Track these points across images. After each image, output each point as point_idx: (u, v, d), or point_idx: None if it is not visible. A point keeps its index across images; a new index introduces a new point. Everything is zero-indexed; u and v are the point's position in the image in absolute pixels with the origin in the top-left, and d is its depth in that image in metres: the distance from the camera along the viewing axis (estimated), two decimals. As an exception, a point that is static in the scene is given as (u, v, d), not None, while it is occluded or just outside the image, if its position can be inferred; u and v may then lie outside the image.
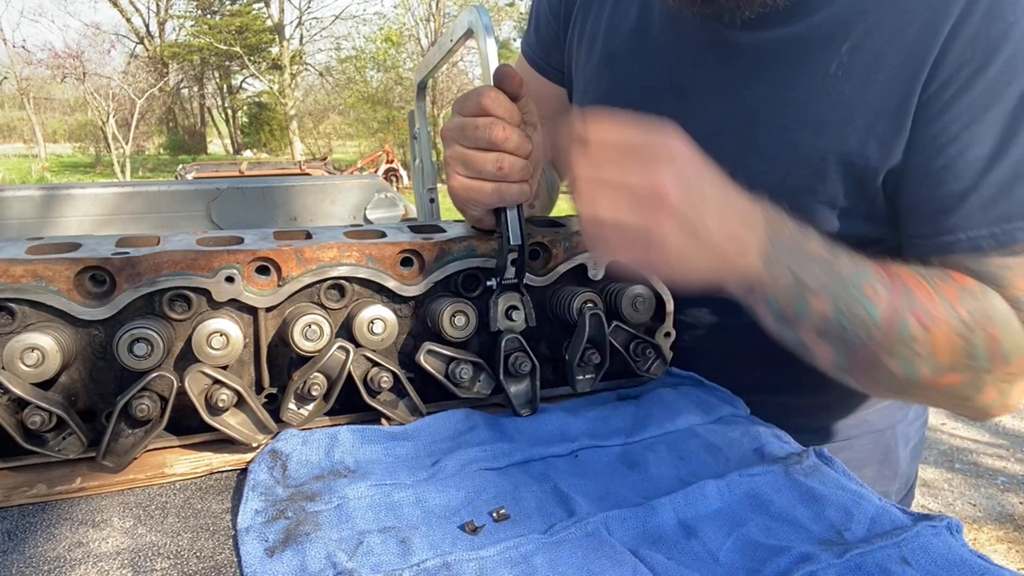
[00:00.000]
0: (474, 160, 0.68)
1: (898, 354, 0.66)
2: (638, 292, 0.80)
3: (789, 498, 0.61)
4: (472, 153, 0.68)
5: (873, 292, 0.66)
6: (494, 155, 0.68)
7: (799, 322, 0.67)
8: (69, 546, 0.54)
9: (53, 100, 28.99)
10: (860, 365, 0.69)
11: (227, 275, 0.66)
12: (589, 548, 0.53)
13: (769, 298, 0.66)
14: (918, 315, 0.66)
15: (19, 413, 0.60)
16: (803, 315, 0.66)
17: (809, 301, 0.65)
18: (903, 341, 0.66)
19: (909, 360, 0.67)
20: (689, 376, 0.86)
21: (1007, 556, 2.67)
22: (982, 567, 0.51)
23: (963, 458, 3.46)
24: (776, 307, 0.66)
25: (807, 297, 0.65)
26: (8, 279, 0.61)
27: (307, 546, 0.52)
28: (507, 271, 0.73)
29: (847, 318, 0.65)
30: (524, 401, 0.75)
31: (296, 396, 0.69)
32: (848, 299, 0.65)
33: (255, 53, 28.77)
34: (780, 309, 0.66)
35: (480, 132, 0.67)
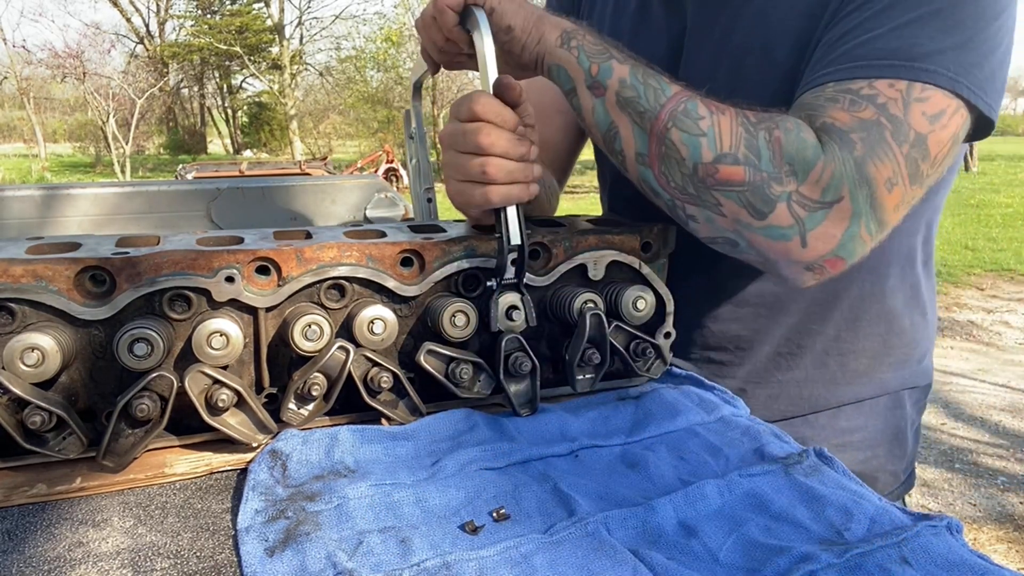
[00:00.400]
0: (463, 164, 0.74)
1: (683, 127, 0.72)
2: (639, 292, 0.80)
3: (789, 498, 0.61)
4: (462, 157, 0.74)
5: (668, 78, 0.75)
6: (480, 159, 0.72)
7: (602, 85, 0.74)
8: (69, 546, 0.54)
9: (53, 100, 29.00)
10: (652, 148, 0.73)
11: (227, 275, 0.66)
12: (589, 548, 0.53)
13: (580, 49, 0.75)
14: (706, 102, 0.73)
15: (19, 413, 0.60)
16: (606, 75, 0.74)
17: (612, 64, 0.75)
18: (688, 115, 0.72)
19: (694, 136, 0.71)
20: (689, 376, 0.86)
21: (1007, 556, 2.67)
22: (982, 567, 0.51)
23: (963, 458, 3.46)
24: (586, 63, 0.75)
25: (611, 60, 0.75)
26: (8, 279, 0.61)
27: (307, 546, 0.52)
28: (507, 271, 0.73)
29: (640, 84, 0.74)
30: (524, 401, 0.75)
31: (296, 396, 0.69)
32: (645, 72, 0.75)
33: (255, 53, 28.79)
34: (588, 66, 0.75)
35: (468, 137, 0.73)
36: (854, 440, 0.99)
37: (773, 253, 0.73)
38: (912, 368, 1.02)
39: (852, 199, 0.69)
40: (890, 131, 0.70)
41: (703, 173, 0.71)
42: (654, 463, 0.67)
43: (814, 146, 0.70)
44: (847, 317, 0.95)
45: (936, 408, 4.05)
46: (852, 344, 0.96)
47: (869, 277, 0.93)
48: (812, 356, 0.96)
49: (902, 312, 0.98)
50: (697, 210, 0.74)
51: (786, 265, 0.74)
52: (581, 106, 0.77)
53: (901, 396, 1.03)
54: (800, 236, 0.71)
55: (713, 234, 0.75)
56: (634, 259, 0.82)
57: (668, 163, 0.73)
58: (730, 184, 0.71)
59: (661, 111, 0.72)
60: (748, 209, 0.71)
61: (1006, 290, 6.65)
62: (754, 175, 0.70)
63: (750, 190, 0.70)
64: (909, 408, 1.04)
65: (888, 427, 1.02)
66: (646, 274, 0.82)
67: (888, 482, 1.03)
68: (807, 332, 0.95)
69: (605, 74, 0.75)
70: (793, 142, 0.70)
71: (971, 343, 5.20)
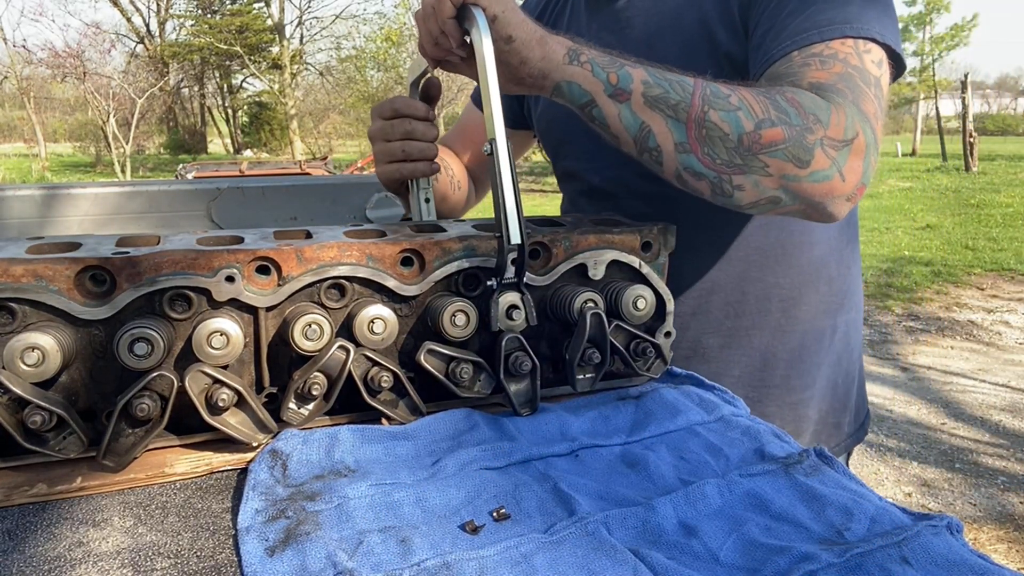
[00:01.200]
0: (389, 149, 0.96)
1: (719, 106, 0.77)
2: (639, 292, 0.80)
3: (789, 498, 0.61)
4: (388, 144, 0.96)
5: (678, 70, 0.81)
6: (401, 143, 0.95)
7: (626, 91, 0.78)
8: (69, 545, 0.54)
9: (53, 100, 28.99)
10: (692, 134, 0.77)
11: (227, 275, 0.66)
12: (589, 548, 0.53)
13: (592, 62, 0.79)
14: (720, 84, 0.79)
15: (20, 413, 0.60)
16: (627, 80, 0.78)
17: (627, 69, 0.79)
18: (717, 95, 0.77)
19: (731, 112, 0.77)
20: (690, 375, 0.86)
21: (1007, 556, 2.67)
22: (982, 567, 0.51)
23: (963, 458, 3.46)
24: (602, 74, 0.79)
25: (624, 66, 0.79)
26: (8, 279, 0.61)
27: (307, 546, 0.52)
28: (507, 270, 0.73)
29: (663, 80, 0.78)
30: (524, 400, 0.75)
31: (296, 396, 0.69)
32: (659, 70, 0.80)
33: (255, 53, 28.79)
34: (606, 76, 0.79)
35: (396, 128, 0.95)
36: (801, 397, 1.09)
37: (820, 195, 0.79)
38: (846, 317, 1.13)
39: (864, 133, 0.78)
40: (859, 77, 0.81)
41: (748, 141, 0.76)
42: (654, 463, 0.67)
43: (822, 99, 0.78)
44: (783, 264, 1.05)
45: (936, 408, 4.05)
46: (789, 291, 1.06)
47: (798, 227, 1.04)
48: (756, 303, 1.06)
49: (828, 261, 1.09)
50: (744, 178, 0.78)
51: (831, 202, 0.80)
52: (604, 115, 0.80)
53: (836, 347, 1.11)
54: (839, 173, 0.78)
55: (757, 197, 0.80)
56: (634, 258, 0.82)
57: (711, 143, 0.77)
58: (774, 144, 0.76)
59: (693, 98, 0.77)
60: (793, 162, 0.77)
61: (1006, 290, 6.65)
62: (791, 131, 0.76)
63: (792, 144, 0.76)
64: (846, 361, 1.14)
65: (828, 380, 1.11)
66: (646, 273, 0.82)
67: (832, 434, 1.13)
68: (749, 279, 1.05)
69: (625, 80, 0.78)
70: (806, 98, 0.78)
71: (971, 343, 5.20)
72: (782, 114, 0.76)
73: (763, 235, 1.04)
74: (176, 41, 30.30)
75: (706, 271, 1.05)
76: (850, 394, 1.17)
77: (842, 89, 0.80)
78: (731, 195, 0.80)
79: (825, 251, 1.08)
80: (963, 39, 25.24)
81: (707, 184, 0.80)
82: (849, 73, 0.81)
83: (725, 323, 1.06)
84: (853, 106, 0.79)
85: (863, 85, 0.81)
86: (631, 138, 0.80)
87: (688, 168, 0.79)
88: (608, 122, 0.80)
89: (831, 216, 0.82)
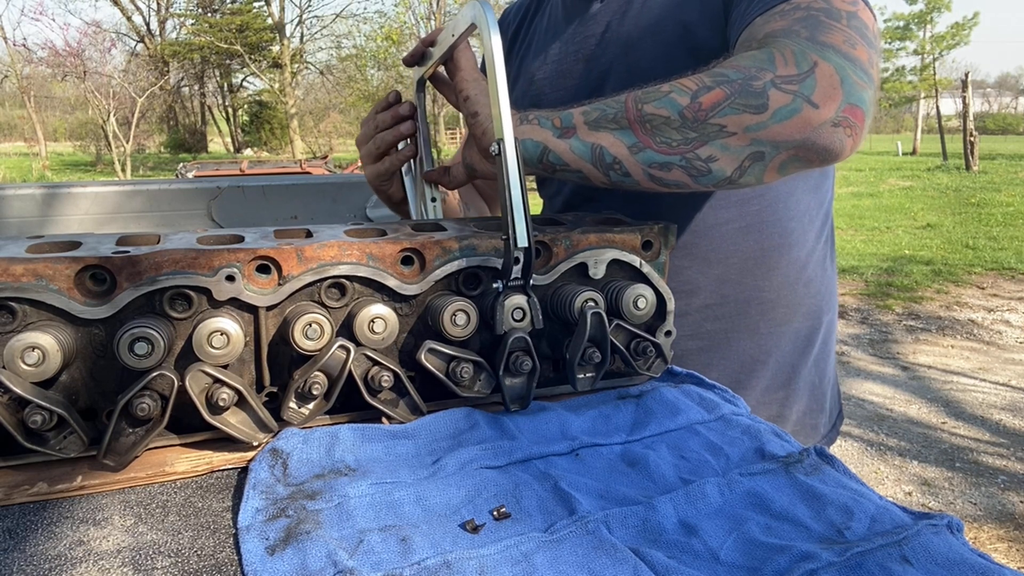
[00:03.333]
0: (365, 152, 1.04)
1: (650, 98, 0.77)
2: (639, 291, 0.80)
3: (790, 497, 0.61)
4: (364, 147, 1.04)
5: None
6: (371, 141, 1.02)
7: (570, 127, 0.81)
8: (70, 544, 0.54)
9: (54, 99, 28.97)
10: (640, 132, 0.78)
11: (228, 274, 0.66)
12: (590, 547, 0.53)
13: (539, 118, 0.83)
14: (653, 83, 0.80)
15: (20, 412, 0.60)
16: (569, 118, 0.82)
17: (568, 111, 0.83)
18: (647, 91, 0.78)
19: (663, 98, 0.77)
20: (690, 374, 0.86)
21: (1007, 555, 2.67)
22: (983, 566, 0.51)
23: (964, 457, 3.46)
24: (547, 123, 0.83)
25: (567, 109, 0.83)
26: (9, 278, 0.61)
27: (308, 545, 0.52)
28: (512, 272, 0.73)
29: (599, 104, 0.81)
30: (516, 396, 0.75)
31: (297, 395, 0.69)
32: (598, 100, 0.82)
33: (256, 51, 28.77)
34: (551, 123, 0.82)
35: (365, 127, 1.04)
36: (779, 397, 1.09)
37: (797, 131, 0.74)
38: (825, 319, 1.13)
39: (824, 59, 0.74)
40: (823, 16, 0.78)
41: (690, 113, 0.75)
42: (655, 462, 0.67)
43: (762, 49, 0.77)
44: (763, 268, 1.05)
45: (937, 407, 4.05)
46: (770, 294, 1.06)
47: (776, 230, 1.05)
48: (736, 306, 1.05)
49: (807, 263, 1.09)
50: (708, 147, 0.76)
51: (815, 134, 0.74)
52: (559, 155, 0.82)
53: (814, 350, 1.12)
54: (807, 101, 0.73)
55: (738, 160, 0.76)
56: (635, 257, 0.82)
57: (659, 131, 0.77)
58: (718, 105, 0.74)
59: (626, 103, 0.79)
60: (748, 111, 0.74)
61: (1007, 289, 6.65)
62: (731, 87, 0.74)
63: (737, 96, 0.74)
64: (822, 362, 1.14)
65: (808, 384, 1.12)
66: (647, 272, 0.82)
67: (809, 435, 1.13)
68: (729, 283, 1.05)
69: (567, 118, 0.82)
70: (743, 58, 0.77)
71: (972, 342, 5.20)
72: (717, 77, 0.75)
73: (743, 239, 1.04)
74: (176, 40, 30.29)
75: (685, 274, 1.04)
76: (826, 395, 1.17)
77: (796, 31, 0.77)
78: (709, 171, 0.77)
79: (804, 254, 1.08)
80: (963, 38, 25.23)
81: (679, 171, 0.78)
82: (811, 15, 0.78)
83: (704, 326, 1.06)
84: (804, 41, 0.76)
85: (828, 20, 0.78)
86: (589, 163, 0.81)
87: (652, 163, 0.78)
88: (565, 159, 0.82)
89: (829, 151, 0.75)
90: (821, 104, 0.73)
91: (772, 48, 0.76)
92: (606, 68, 1.05)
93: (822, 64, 0.74)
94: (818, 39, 0.76)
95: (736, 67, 0.76)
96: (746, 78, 0.74)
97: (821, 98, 0.73)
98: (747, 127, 0.74)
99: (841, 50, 0.75)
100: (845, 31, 0.77)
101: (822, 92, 0.73)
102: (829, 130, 0.74)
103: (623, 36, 1.03)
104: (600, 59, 1.06)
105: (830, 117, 0.73)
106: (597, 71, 1.06)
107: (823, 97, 0.73)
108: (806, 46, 0.75)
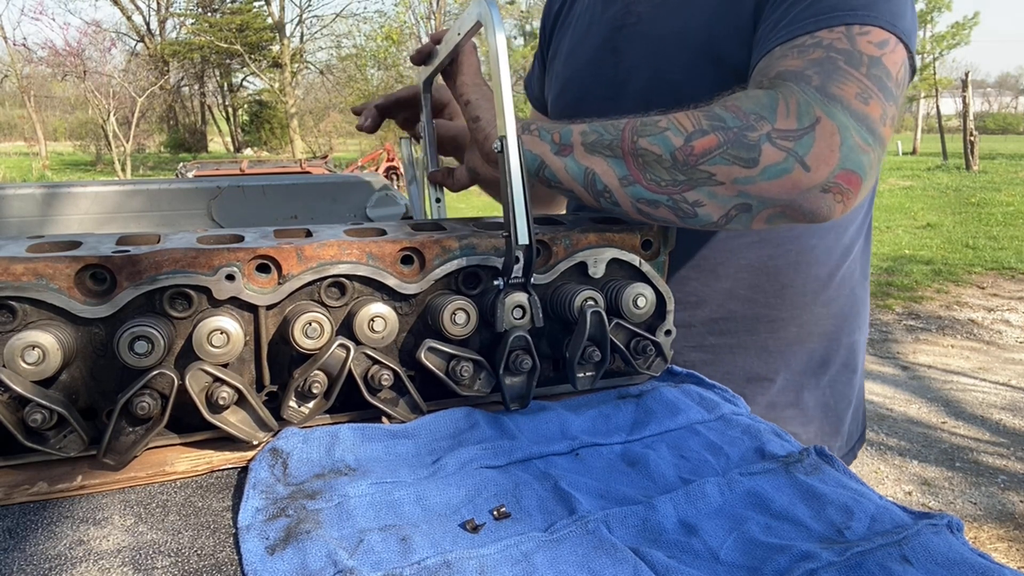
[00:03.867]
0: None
1: (646, 132, 0.76)
2: (639, 290, 0.80)
3: (790, 496, 0.61)
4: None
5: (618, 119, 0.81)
6: None
7: (567, 144, 0.81)
8: (70, 544, 0.54)
9: (54, 98, 28.97)
10: (631, 165, 0.77)
11: (227, 273, 0.66)
12: (590, 546, 0.53)
13: (540, 130, 0.82)
14: (655, 113, 0.78)
15: (20, 411, 0.60)
16: (568, 135, 0.81)
17: (569, 127, 0.82)
18: (646, 123, 0.77)
19: (658, 134, 0.75)
20: (690, 374, 0.86)
21: (1007, 555, 2.67)
22: (983, 566, 0.51)
23: (963, 456, 3.46)
24: (547, 136, 0.82)
25: (568, 125, 0.82)
26: (9, 277, 0.61)
27: (308, 544, 0.52)
28: (513, 270, 0.73)
29: (599, 126, 0.80)
30: (516, 395, 0.75)
31: (297, 394, 0.69)
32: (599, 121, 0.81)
33: (256, 51, 28.77)
34: (550, 137, 0.82)
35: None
36: (785, 416, 1.04)
37: (784, 192, 0.72)
38: (847, 340, 1.07)
39: (829, 115, 0.71)
40: (843, 60, 0.74)
41: (682, 156, 0.74)
42: (655, 461, 0.67)
43: (767, 93, 0.74)
44: (775, 284, 1.00)
45: (937, 406, 4.05)
46: (780, 311, 1.01)
47: (794, 247, 1.00)
48: (743, 322, 1.02)
49: (828, 282, 1.02)
50: (696, 192, 0.75)
51: (802, 197, 0.72)
52: (554, 172, 0.82)
53: (831, 372, 1.07)
54: (799, 162, 0.71)
55: (724, 208, 0.75)
56: (634, 256, 0.82)
57: (649, 168, 0.76)
58: (709, 152, 0.73)
59: (623, 132, 0.78)
60: (738, 163, 0.72)
61: (1007, 289, 6.65)
62: (726, 135, 0.72)
63: (730, 146, 0.72)
64: (841, 384, 1.08)
65: (819, 404, 1.06)
66: (646, 271, 0.82)
67: None
68: (736, 297, 1.01)
69: (566, 136, 0.81)
70: (748, 99, 0.74)
71: (972, 342, 5.20)
72: (715, 121, 0.73)
73: (755, 253, 0.99)
74: (176, 40, 30.29)
75: (691, 285, 1.01)
76: (842, 419, 1.10)
77: (808, 75, 0.73)
78: (695, 215, 0.76)
79: (825, 272, 1.02)
80: (964, 38, 25.20)
81: (666, 210, 0.77)
82: (829, 57, 0.74)
83: (708, 339, 1.02)
84: (813, 91, 0.72)
85: (847, 68, 0.73)
86: (581, 186, 0.81)
87: (640, 199, 0.78)
88: (559, 177, 0.81)
89: (815, 215, 0.73)
90: (814, 167, 0.71)
91: (778, 93, 0.73)
92: (632, 65, 1.03)
93: (825, 122, 0.71)
94: (828, 90, 0.72)
95: (736, 111, 0.73)
96: (742, 127, 0.72)
97: (815, 160, 0.70)
98: (735, 179, 0.72)
99: (850, 106, 0.72)
100: (861, 81, 0.73)
101: (817, 154, 0.70)
102: (817, 195, 0.72)
103: (652, 35, 1.00)
104: (627, 54, 1.04)
105: (820, 182, 0.71)
106: (624, 66, 1.04)
107: (817, 160, 0.70)
108: (813, 98, 0.72)
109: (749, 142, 0.71)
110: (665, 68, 0.98)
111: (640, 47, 1.02)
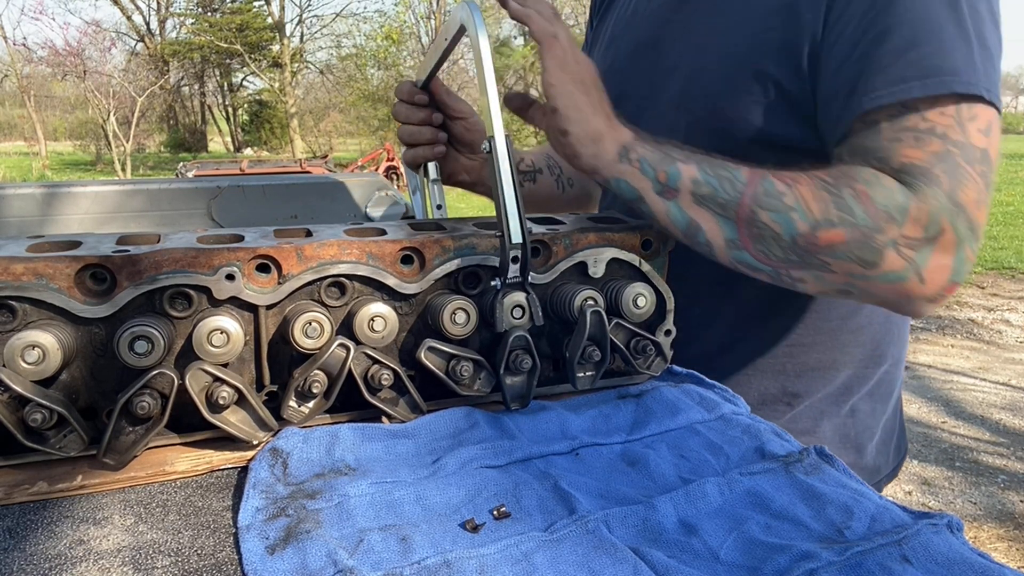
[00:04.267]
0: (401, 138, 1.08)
1: (770, 207, 0.74)
2: (639, 290, 0.80)
3: (790, 496, 0.61)
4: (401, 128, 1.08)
5: (733, 164, 0.77)
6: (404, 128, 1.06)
7: (674, 189, 0.77)
8: (70, 544, 0.54)
9: (54, 98, 28.96)
10: (743, 233, 0.75)
11: (227, 273, 0.66)
12: (590, 546, 0.53)
13: (643, 161, 0.79)
14: (778, 176, 0.75)
15: (20, 411, 0.60)
16: (676, 179, 0.77)
17: (678, 166, 0.78)
18: (769, 194, 0.74)
19: (782, 213, 0.73)
20: (690, 374, 0.86)
21: (1007, 554, 2.67)
22: (983, 565, 0.51)
23: (963, 456, 3.46)
24: (651, 173, 0.78)
25: (676, 163, 0.78)
26: (9, 277, 0.61)
27: (308, 544, 0.52)
28: (510, 270, 0.73)
29: (713, 177, 0.76)
30: (517, 395, 0.75)
31: (297, 394, 0.69)
32: (710, 164, 0.77)
33: (256, 51, 28.77)
34: (655, 175, 0.78)
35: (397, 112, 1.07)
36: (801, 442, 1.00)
37: (893, 295, 0.74)
38: (876, 370, 1.01)
39: (954, 229, 0.71)
40: (960, 156, 0.72)
41: (804, 243, 0.73)
42: (655, 461, 0.67)
43: (901, 190, 0.72)
44: (795, 306, 0.96)
45: (936, 406, 4.05)
46: (801, 336, 0.97)
47: None
48: (760, 344, 0.97)
49: (858, 308, 0.97)
50: (804, 272, 0.75)
51: (908, 303, 0.75)
52: (652, 211, 0.80)
53: (853, 400, 1.00)
54: (916, 274, 0.72)
55: (824, 288, 0.77)
56: (634, 256, 0.81)
57: (764, 242, 0.75)
58: (832, 247, 0.72)
59: (742, 198, 0.75)
60: (858, 263, 0.72)
61: (1007, 288, 6.65)
62: (854, 232, 0.71)
63: (855, 246, 0.72)
64: (865, 415, 1.02)
65: (838, 433, 1.01)
66: (646, 271, 0.82)
67: None
68: (756, 318, 0.97)
69: (674, 178, 0.77)
70: (880, 192, 0.72)
71: (972, 341, 5.20)
72: (845, 213, 0.71)
73: None
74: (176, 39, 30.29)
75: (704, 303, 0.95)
76: (864, 449, 1.03)
77: (937, 175, 0.71)
78: (794, 285, 0.77)
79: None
80: (964, 37, 25.11)
81: (766, 276, 0.77)
82: (948, 152, 0.72)
83: (717, 360, 0.97)
84: (945, 197, 0.71)
85: (965, 166, 0.72)
86: (680, 232, 0.79)
87: (743, 263, 0.78)
88: (657, 217, 0.80)
89: (911, 314, 0.76)
90: (928, 281, 0.72)
91: (914, 195, 0.71)
92: (670, 66, 0.96)
93: (948, 234, 0.71)
94: (956, 197, 0.71)
95: (867, 204, 0.71)
96: (871, 229, 0.71)
97: (931, 274, 0.72)
98: (850, 274, 0.73)
99: (970, 216, 0.72)
100: (977, 184, 0.73)
101: (934, 268, 0.72)
102: (922, 303, 0.75)
103: (695, 36, 0.93)
104: (668, 54, 0.97)
105: (931, 295, 0.73)
106: (663, 66, 0.97)
107: (933, 273, 0.72)
108: (944, 207, 0.71)
109: (874, 246, 0.71)
110: (703, 74, 0.92)
111: (681, 47, 0.96)
